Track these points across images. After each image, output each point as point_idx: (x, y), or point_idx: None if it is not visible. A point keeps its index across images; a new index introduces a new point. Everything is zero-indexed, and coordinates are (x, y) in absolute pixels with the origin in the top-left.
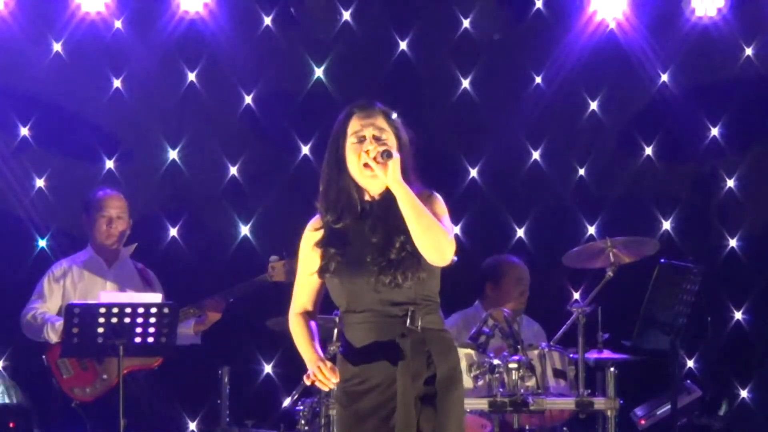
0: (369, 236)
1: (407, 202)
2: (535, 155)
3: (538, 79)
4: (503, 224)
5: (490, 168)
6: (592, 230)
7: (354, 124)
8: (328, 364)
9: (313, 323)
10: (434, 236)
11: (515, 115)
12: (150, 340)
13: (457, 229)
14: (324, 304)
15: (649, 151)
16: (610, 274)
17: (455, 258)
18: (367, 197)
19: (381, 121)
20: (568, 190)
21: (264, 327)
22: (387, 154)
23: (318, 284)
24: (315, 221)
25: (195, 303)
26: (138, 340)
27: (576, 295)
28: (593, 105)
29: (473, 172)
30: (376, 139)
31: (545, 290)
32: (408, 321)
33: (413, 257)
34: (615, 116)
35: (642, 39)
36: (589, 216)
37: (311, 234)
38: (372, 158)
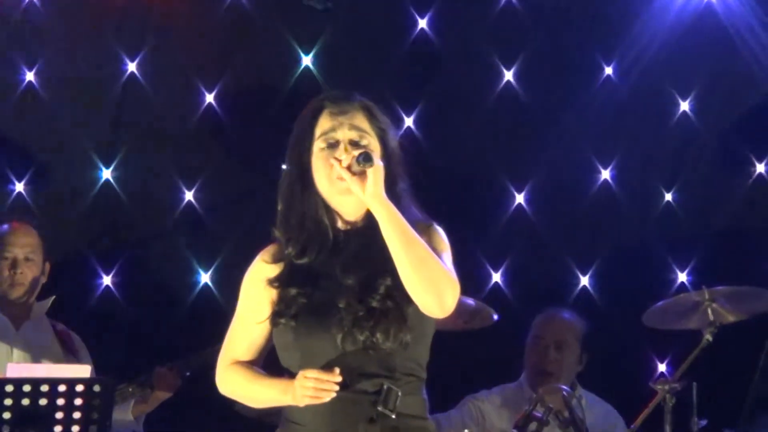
0: (342, 277)
1: (392, 226)
2: (605, 174)
3: (609, 70)
4: (561, 269)
5: (542, 192)
6: (683, 277)
7: (324, 122)
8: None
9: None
10: (430, 274)
11: (577, 119)
12: (75, 429)
13: (497, 277)
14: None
15: (761, 168)
16: (708, 338)
17: (496, 317)
18: (340, 223)
19: (361, 119)
20: (650, 222)
21: (231, 411)
22: (365, 158)
23: (263, 335)
24: (271, 249)
25: (137, 378)
26: (58, 429)
27: (662, 367)
28: (684, 105)
29: (519, 198)
30: (354, 144)
31: (620, 359)
32: (381, 402)
33: (398, 311)
34: (714, 121)
35: (750, 15)
36: (680, 258)
37: (264, 267)
38: (345, 167)
